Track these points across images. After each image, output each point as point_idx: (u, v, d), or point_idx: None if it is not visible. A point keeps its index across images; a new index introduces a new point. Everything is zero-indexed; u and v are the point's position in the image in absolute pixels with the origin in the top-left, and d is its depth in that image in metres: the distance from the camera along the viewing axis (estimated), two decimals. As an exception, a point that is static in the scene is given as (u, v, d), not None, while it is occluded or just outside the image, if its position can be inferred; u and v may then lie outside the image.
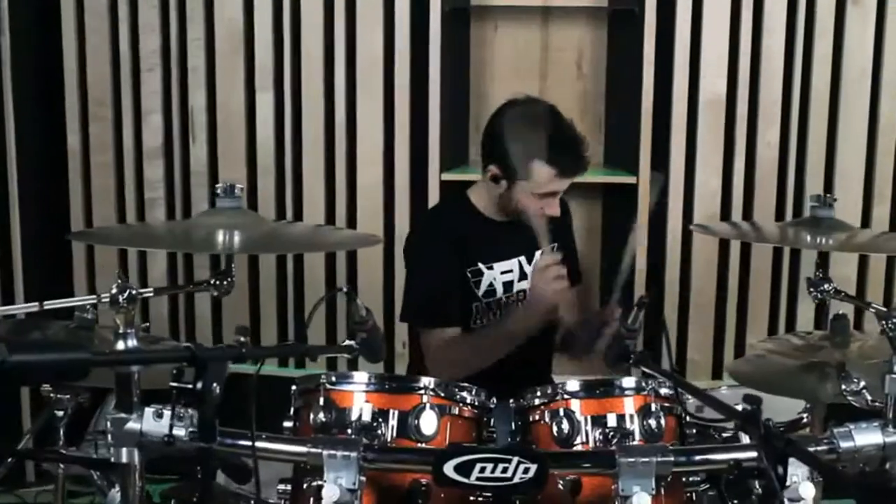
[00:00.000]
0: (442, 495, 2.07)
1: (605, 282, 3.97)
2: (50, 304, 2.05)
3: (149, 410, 1.90)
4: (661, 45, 3.91)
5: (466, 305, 2.90)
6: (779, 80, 3.95)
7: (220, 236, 2.05)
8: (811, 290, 2.43)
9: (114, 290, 1.95)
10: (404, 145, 4.03)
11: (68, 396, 2.36)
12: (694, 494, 2.16)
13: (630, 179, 3.98)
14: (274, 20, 4.01)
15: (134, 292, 1.93)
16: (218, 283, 2.21)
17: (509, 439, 2.21)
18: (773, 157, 4.00)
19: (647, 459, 1.85)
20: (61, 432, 2.36)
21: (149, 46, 4.09)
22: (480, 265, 2.92)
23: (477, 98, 4.35)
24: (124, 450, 1.94)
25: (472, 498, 2.12)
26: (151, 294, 2.12)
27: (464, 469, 1.85)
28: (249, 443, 1.82)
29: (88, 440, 2.34)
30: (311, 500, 2.03)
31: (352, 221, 4.07)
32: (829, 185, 4.01)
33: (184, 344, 1.60)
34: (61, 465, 2.32)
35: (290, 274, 4.14)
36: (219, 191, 2.19)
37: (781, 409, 2.56)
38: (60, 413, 2.35)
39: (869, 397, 2.28)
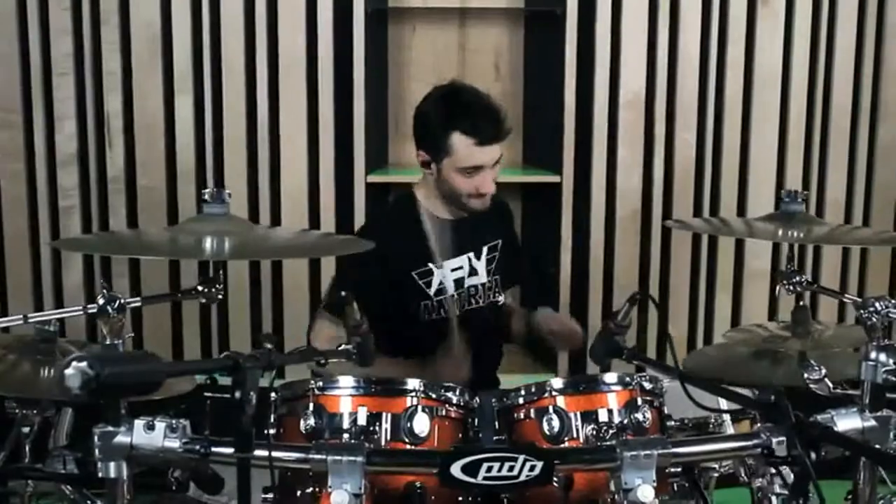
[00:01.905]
0: (433, 497, 2.07)
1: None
2: (34, 317, 1.98)
3: (139, 423, 1.84)
4: (581, 46, 3.98)
5: (415, 303, 2.91)
6: (695, 81, 4.07)
7: (209, 243, 2.00)
8: (784, 282, 2.51)
9: (101, 301, 1.89)
10: (329, 148, 4.01)
11: (35, 412, 2.28)
12: (675, 485, 2.22)
13: (554, 178, 4.03)
14: (192, 22, 3.94)
15: (123, 301, 1.87)
16: (206, 290, 2.16)
17: (494, 438, 2.22)
18: (690, 156, 4.11)
19: (649, 452, 1.88)
20: (27, 448, 2.28)
21: (61, 50, 3.96)
22: (430, 265, 2.93)
23: (396, 100, 4.37)
24: (112, 464, 1.88)
25: (460, 498, 2.14)
26: (139, 303, 2.07)
27: (471, 469, 1.85)
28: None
29: (56, 456, 2.27)
30: (309, 507, 2.01)
31: (276, 225, 4.01)
32: (742, 182, 4.15)
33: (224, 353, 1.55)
34: (29, 482, 2.23)
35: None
36: (206, 196, 2.13)
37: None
38: (26, 429, 2.27)
39: (830, 384, 2.37)
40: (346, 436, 2.06)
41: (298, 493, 2.06)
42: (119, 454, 1.86)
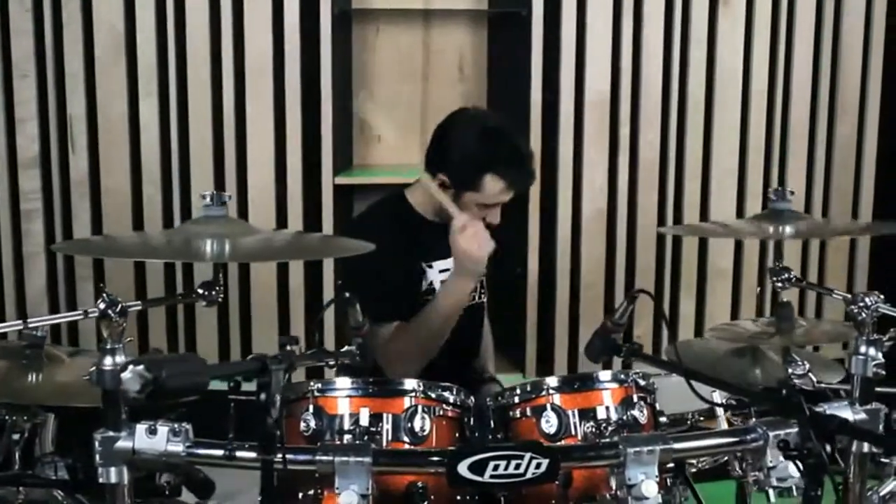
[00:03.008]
0: (433, 497, 2.07)
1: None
2: (34, 322, 1.95)
3: (140, 427, 1.83)
4: (547, 48, 4.01)
5: (414, 302, 2.90)
6: (658, 81, 4.12)
7: (209, 245, 1.99)
8: (773, 278, 2.55)
9: (102, 305, 1.87)
10: (296, 150, 3.99)
11: (25, 418, 2.25)
12: (668, 480, 2.25)
13: (521, 179, 4.05)
14: (157, 23, 3.90)
15: (124, 305, 1.85)
16: (207, 292, 2.15)
17: (490, 437, 2.23)
18: (654, 156, 4.16)
19: (651, 448, 1.90)
20: (17, 455, 2.25)
21: (21, 51, 3.91)
22: (422, 264, 2.92)
23: (360, 101, 4.37)
24: (113, 469, 1.87)
25: (458, 497, 2.14)
26: (140, 307, 2.05)
27: (477, 468, 1.86)
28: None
29: (46, 462, 2.24)
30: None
31: (243, 228, 3.99)
32: (705, 182, 4.21)
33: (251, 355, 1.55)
34: (20, 490, 2.20)
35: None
36: (206, 199, 2.12)
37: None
38: (16, 436, 2.24)
39: (814, 379, 2.42)
40: (347, 437, 2.05)
41: (300, 495, 2.04)
42: (120, 459, 1.85)
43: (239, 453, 1.64)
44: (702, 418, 2.62)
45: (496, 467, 1.87)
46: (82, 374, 2.34)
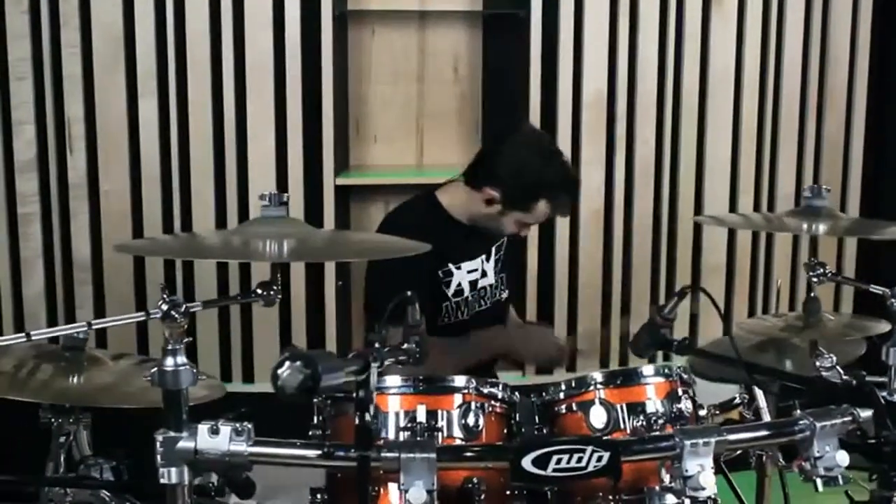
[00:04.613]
0: (486, 491, 2.10)
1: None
2: (98, 324, 1.94)
3: (202, 427, 1.84)
4: (545, 49, 4.05)
5: (436, 304, 2.93)
6: (653, 80, 4.17)
7: (268, 245, 2.01)
8: (809, 273, 2.60)
9: (164, 306, 1.88)
10: (297, 152, 3.99)
11: (70, 420, 2.24)
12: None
13: (519, 178, 4.09)
14: (156, 24, 3.88)
15: (187, 306, 1.86)
16: (265, 293, 2.16)
17: (535, 432, 2.26)
18: (649, 154, 4.21)
19: (707, 440, 1.94)
20: (62, 458, 2.24)
21: (18, 54, 3.87)
22: (451, 265, 2.96)
23: (356, 102, 4.38)
24: (174, 469, 1.88)
25: (508, 492, 2.17)
26: (200, 307, 2.05)
27: (541, 462, 1.88)
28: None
29: (91, 464, 2.24)
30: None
31: (244, 229, 3.98)
32: (699, 178, 4.27)
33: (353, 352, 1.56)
34: (68, 491, 2.19)
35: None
36: (264, 199, 2.13)
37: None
38: (62, 439, 2.24)
39: (842, 372, 2.47)
40: (405, 434, 2.08)
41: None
42: (182, 459, 1.86)
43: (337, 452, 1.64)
44: (717, 412, 2.67)
45: (559, 461, 1.89)
46: (122, 375, 2.38)
